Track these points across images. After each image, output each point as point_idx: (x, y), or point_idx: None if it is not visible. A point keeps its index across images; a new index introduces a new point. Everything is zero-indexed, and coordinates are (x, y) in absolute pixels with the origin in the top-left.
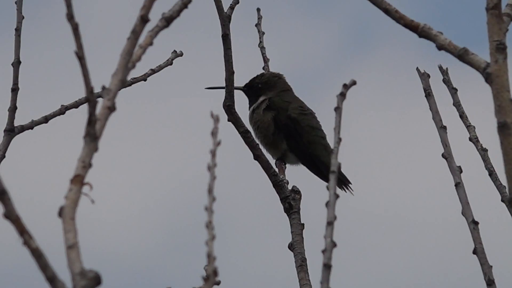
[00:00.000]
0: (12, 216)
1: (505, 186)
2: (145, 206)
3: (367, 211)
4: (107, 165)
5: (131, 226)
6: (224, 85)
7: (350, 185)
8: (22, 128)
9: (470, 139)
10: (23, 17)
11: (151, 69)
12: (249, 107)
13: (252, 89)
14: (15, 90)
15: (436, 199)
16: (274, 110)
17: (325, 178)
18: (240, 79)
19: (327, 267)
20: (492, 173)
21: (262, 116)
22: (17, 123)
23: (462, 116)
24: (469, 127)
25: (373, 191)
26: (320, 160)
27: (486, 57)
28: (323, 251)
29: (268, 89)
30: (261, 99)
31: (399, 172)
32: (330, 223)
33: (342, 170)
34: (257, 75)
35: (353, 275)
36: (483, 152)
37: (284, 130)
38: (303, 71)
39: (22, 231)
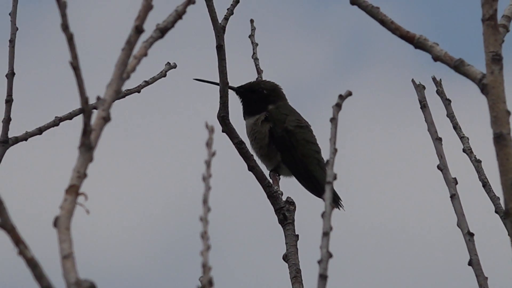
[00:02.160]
0: (7, 226)
1: (498, 198)
2: (139, 216)
3: (362, 223)
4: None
5: (126, 235)
6: (214, 80)
7: (340, 201)
8: (16, 140)
9: (464, 150)
10: (17, 29)
11: (145, 81)
12: (244, 111)
13: (254, 93)
14: (9, 101)
15: (431, 210)
16: (271, 122)
17: (316, 192)
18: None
19: (323, 277)
20: (485, 184)
21: (259, 127)
22: (11, 134)
23: (456, 127)
24: (462, 138)
25: (368, 203)
26: (312, 175)
27: (482, 68)
28: (319, 262)
29: (274, 97)
30: (270, 107)
31: (394, 183)
32: (326, 234)
33: (335, 183)
34: (260, 80)
35: (348, 286)
36: (476, 163)
37: (279, 142)
38: (297, 82)
39: (17, 241)
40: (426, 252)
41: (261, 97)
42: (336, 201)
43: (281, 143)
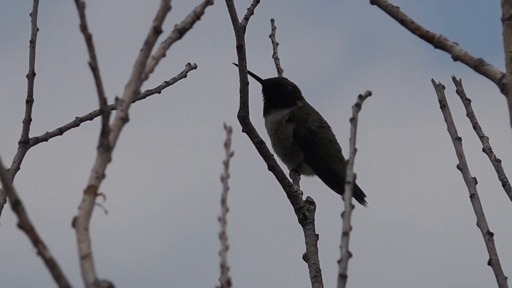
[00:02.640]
0: (26, 226)
1: None
2: (159, 217)
3: (383, 222)
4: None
5: (146, 237)
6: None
7: (365, 198)
8: (37, 140)
9: (484, 150)
10: (38, 29)
11: (165, 82)
12: (265, 104)
13: (280, 87)
14: (29, 102)
15: (451, 210)
16: (294, 122)
17: (340, 190)
18: (255, 90)
19: (342, 277)
20: (505, 184)
21: (284, 127)
22: (31, 135)
23: (476, 127)
24: (482, 138)
25: (389, 202)
26: (336, 173)
27: (501, 68)
28: (339, 262)
29: (299, 95)
30: (298, 104)
31: (414, 183)
32: (345, 234)
33: (357, 182)
34: (283, 77)
35: (368, 286)
36: (496, 163)
37: (302, 142)
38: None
39: (36, 241)
40: (446, 251)
41: (287, 93)
42: (361, 198)
43: (304, 143)
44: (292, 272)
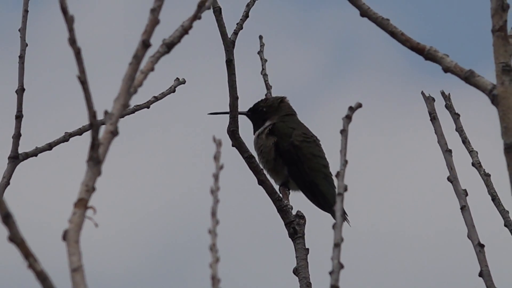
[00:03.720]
0: (17, 239)
1: (508, 211)
2: (150, 230)
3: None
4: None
5: (136, 249)
6: (227, 110)
7: (347, 216)
8: (26, 155)
9: (473, 164)
10: (27, 45)
11: (154, 97)
12: (254, 132)
13: (256, 113)
14: (19, 117)
15: (441, 222)
16: (276, 136)
17: (322, 207)
18: (244, 105)
19: None
20: (495, 198)
21: (265, 141)
22: (21, 150)
23: (465, 141)
24: (471, 152)
25: (380, 214)
26: (318, 189)
27: (492, 79)
28: (331, 273)
29: (272, 113)
30: (267, 123)
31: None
32: (337, 245)
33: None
34: (261, 100)
35: None
36: (486, 177)
37: (285, 156)
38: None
39: (27, 254)
40: (437, 263)
41: (261, 115)
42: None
43: (287, 157)
44: (282, 286)
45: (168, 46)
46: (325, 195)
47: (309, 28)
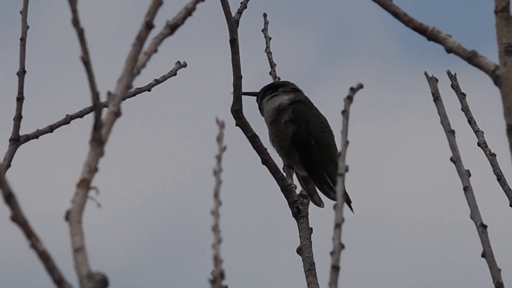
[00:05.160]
0: (19, 219)
1: None
2: (152, 211)
3: (375, 215)
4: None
5: (138, 230)
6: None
7: (351, 203)
8: (27, 137)
9: (479, 144)
10: (28, 27)
11: (155, 80)
12: (263, 95)
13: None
14: (20, 99)
15: (444, 202)
16: (295, 124)
17: (328, 194)
18: (247, 84)
19: (335, 268)
20: (500, 178)
21: (282, 127)
22: (22, 132)
23: (471, 121)
24: (477, 132)
25: (381, 195)
26: (331, 178)
27: (495, 60)
28: (332, 253)
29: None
30: (285, 97)
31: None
32: (338, 225)
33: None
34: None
35: (361, 278)
36: (491, 157)
37: (301, 145)
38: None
39: (29, 234)
40: (440, 244)
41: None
42: (347, 203)
43: (302, 146)
44: (286, 266)
45: (172, 28)
46: (334, 185)
47: (310, 7)
